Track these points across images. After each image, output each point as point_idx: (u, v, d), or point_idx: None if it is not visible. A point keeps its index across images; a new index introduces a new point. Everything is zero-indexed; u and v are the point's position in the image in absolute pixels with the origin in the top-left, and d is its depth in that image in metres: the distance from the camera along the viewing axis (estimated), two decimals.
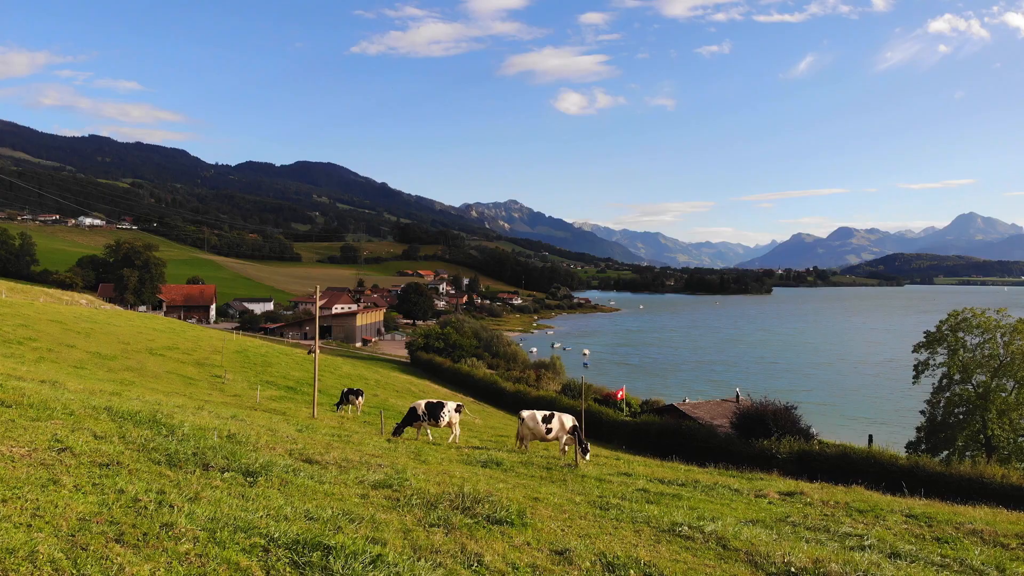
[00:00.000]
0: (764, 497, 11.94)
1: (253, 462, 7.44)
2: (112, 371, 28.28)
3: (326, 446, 10.24)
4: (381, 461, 9.36)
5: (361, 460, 9.20)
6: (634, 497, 10.09)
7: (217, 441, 8.14)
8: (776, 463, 28.53)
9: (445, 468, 10.59)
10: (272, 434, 10.37)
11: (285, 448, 8.94)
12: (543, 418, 17.57)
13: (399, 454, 11.64)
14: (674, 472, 15.37)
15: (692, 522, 8.07)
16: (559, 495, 9.31)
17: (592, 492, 10.21)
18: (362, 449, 11.12)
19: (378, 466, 8.92)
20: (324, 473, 7.91)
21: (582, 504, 8.89)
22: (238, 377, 36.09)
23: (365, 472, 8.31)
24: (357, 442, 12.68)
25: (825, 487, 14.93)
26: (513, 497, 7.90)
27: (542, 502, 8.55)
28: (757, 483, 14.28)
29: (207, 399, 22.92)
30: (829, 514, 10.54)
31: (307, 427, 14.40)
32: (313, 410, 22.56)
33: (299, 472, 7.63)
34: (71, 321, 42.88)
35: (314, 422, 18.47)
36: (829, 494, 12.92)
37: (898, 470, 26.80)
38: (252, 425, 11.25)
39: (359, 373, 55.11)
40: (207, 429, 8.85)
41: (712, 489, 12.25)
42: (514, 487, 9.39)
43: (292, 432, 11.92)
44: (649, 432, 37.90)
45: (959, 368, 51.05)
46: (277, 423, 13.77)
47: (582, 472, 12.65)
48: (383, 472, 8.45)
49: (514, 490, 8.91)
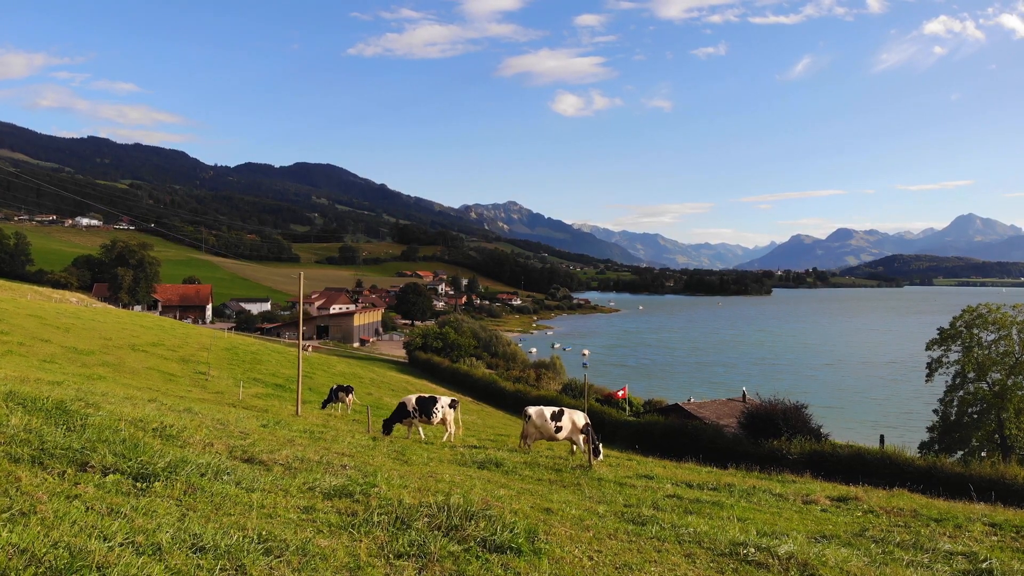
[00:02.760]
0: (815, 504, 10.17)
1: (158, 461, 5.63)
2: (86, 366, 26.48)
3: (285, 443, 8.41)
4: (349, 462, 7.51)
5: (322, 460, 7.41)
6: (668, 506, 8.30)
7: (129, 434, 6.31)
8: (787, 464, 27.51)
9: (432, 470, 8.80)
10: (221, 428, 8.60)
11: (227, 445, 7.14)
12: (552, 415, 15.81)
13: (376, 453, 9.78)
14: (697, 474, 13.62)
15: (756, 541, 6.24)
16: (576, 504, 7.49)
17: (616, 500, 8.44)
18: (332, 447, 9.27)
19: (341, 468, 7.11)
20: (261, 477, 6.09)
21: (608, 517, 7.07)
22: (224, 374, 34.29)
23: (320, 476, 6.45)
24: (330, 440, 10.80)
25: (869, 490, 13.19)
26: (519, 508, 6.15)
27: (556, 515, 6.72)
28: (795, 486, 12.49)
29: (182, 395, 21.14)
30: (903, 524, 8.77)
31: (279, 423, 12.55)
32: (297, 407, 20.76)
33: (225, 475, 5.82)
34: (52, 317, 41.10)
35: (295, 419, 16.68)
36: (883, 499, 11.17)
37: (915, 471, 25.50)
38: (202, 418, 9.48)
39: (354, 372, 53.38)
40: (128, 420, 7.04)
41: (751, 495, 10.46)
42: (518, 494, 7.60)
43: (252, 427, 10.11)
44: (653, 432, 36.77)
45: (974, 366, 49.41)
46: (238, 418, 11.88)
47: (598, 475, 10.78)
48: (345, 476, 6.56)
49: (519, 498, 7.14)
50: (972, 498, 17.59)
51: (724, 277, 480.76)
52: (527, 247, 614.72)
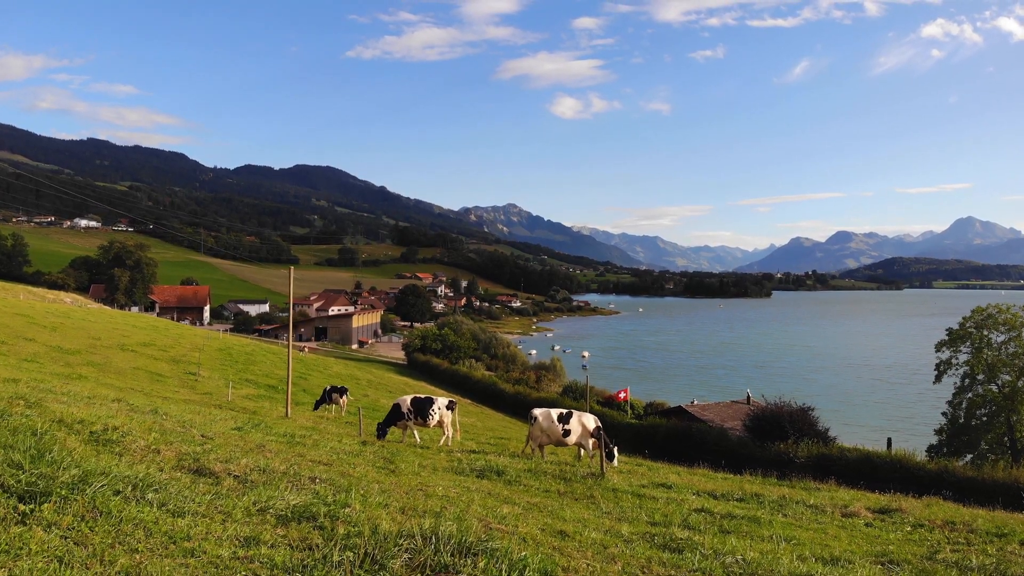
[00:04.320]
0: (856, 516, 9.15)
1: (61, 475, 4.46)
2: (69, 365, 25.46)
3: (253, 449, 7.31)
4: (323, 472, 6.47)
5: (288, 471, 6.25)
6: (700, 524, 7.21)
7: (48, 438, 5.18)
8: (794, 467, 26.74)
9: (423, 481, 7.65)
10: (181, 431, 7.57)
11: (177, 452, 6.10)
12: (559, 417, 14.73)
13: (360, 461, 8.64)
14: (714, 481, 12.59)
15: (815, 571, 5.22)
16: (594, 524, 6.37)
17: (638, 517, 7.34)
18: (308, 454, 8.17)
19: (310, 481, 5.95)
20: (200, 495, 4.95)
21: (636, 542, 5.91)
22: (215, 375, 33.28)
23: (279, 492, 5.25)
24: (310, 445, 9.71)
25: (899, 498, 12.17)
26: (527, 533, 5.08)
27: (573, 540, 5.53)
28: (823, 495, 11.45)
29: (166, 395, 20.12)
30: (965, 542, 7.77)
31: (258, 425, 11.47)
32: (287, 409, 19.73)
33: (150, 492, 4.66)
34: (40, 316, 40.09)
35: (281, 421, 15.66)
36: (922, 509, 10.14)
37: (926, 475, 24.85)
38: (164, 420, 8.46)
39: (350, 373, 52.35)
40: (62, 422, 6.00)
41: (783, 506, 9.42)
42: (525, 511, 6.50)
43: (222, 430, 9.05)
44: (656, 435, 36.04)
45: (984, 367, 48.45)
46: (212, 419, 10.81)
47: (612, 484, 9.70)
48: (311, 492, 5.38)
49: (526, 518, 6.03)
50: (997, 504, 16.70)
51: (724, 279, 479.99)
52: (527, 249, 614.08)
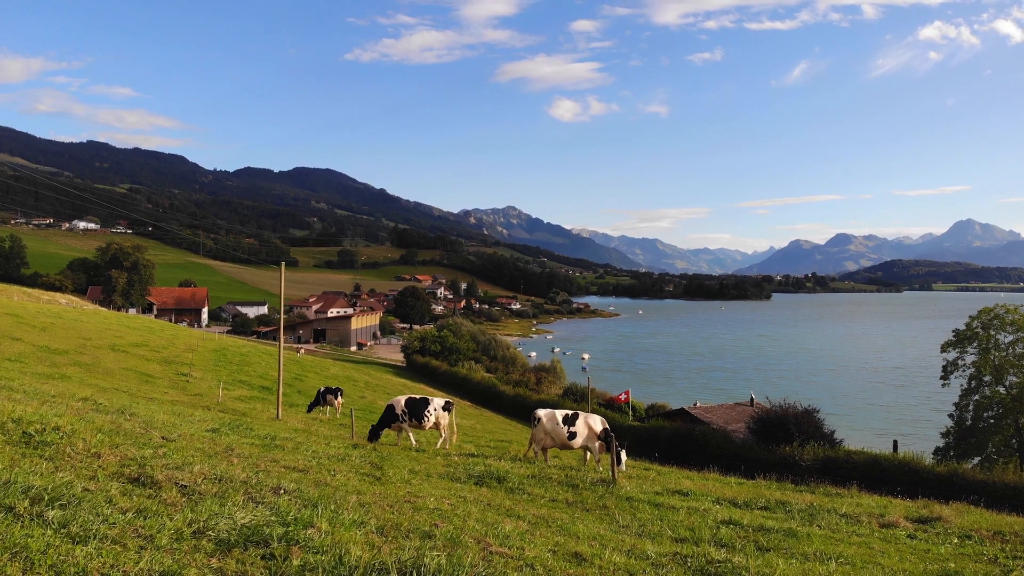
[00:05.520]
0: (895, 527, 8.34)
1: None
2: (55, 365, 24.64)
3: (218, 454, 6.45)
4: (292, 482, 5.58)
5: (249, 480, 5.27)
6: (732, 539, 6.36)
7: None
8: (800, 470, 26.15)
9: (412, 491, 6.74)
10: (140, 433, 6.75)
11: (121, 456, 5.27)
12: (564, 418, 13.86)
13: (343, 467, 7.81)
14: (729, 487, 11.76)
15: None
16: (613, 541, 5.42)
17: (662, 531, 6.42)
18: (284, 460, 7.26)
19: (272, 493, 4.98)
20: (126, 511, 4.05)
21: (668, 566, 4.95)
22: (208, 376, 32.46)
23: (227, 507, 4.29)
24: (290, 449, 8.81)
25: (930, 504, 11.38)
26: (536, 557, 4.16)
27: (592, 566, 4.61)
28: (848, 501, 10.64)
29: (153, 396, 19.32)
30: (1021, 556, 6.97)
31: (238, 427, 10.63)
32: (277, 411, 18.93)
33: (53, 508, 3.80)
34: (30, 316, 39.26)
35: (270, 423, 14.86)
36: (961, 517, 9.33)
37: (935, 479, 24.24)
38: (123, 421, 7.63)
39: (348, 375, 51.50)
40: None
41: (814, 516, 8.58)
42: (531, 527, 5.56)
43: (192, 432, 8.22)
44: (659, 437, 35.39)
45: (991, 368, 47.64)
46: (183, 420, 9.94)
47: (625, 492, 8.82)
48: (269, 507, 4.37)
49: (533, 535, 5.11)
50: (1005, 507, 16.02)
51: (724, 282, 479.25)
52: (526, 252, 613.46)
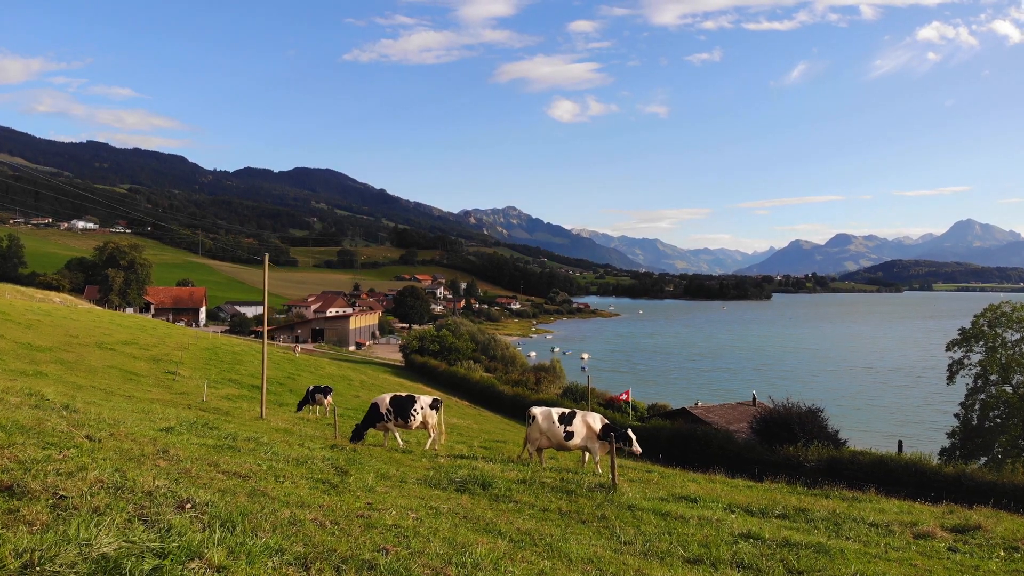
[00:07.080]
0: (932, 538, 7.54)
1: None
2: (34, 363, 23.88)
3: (145, 456, 5.52)
4: (215, 492, 4.65)
5: (153, 491, 4.30)
6: (755, 559, 5.50)
7: None
8: (803, 471, 25.55)
9: (372, 500, 5.69)
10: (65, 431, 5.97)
11: (8, 459, 4.48)
12: (560, 417, 13.06)
13: (299, 472, 6.90)
14: (738, 490, 10.95)
15: None
16: (612, 565, 4.55)
17: (671, 549, 5.57)
18: (229, 464, 6.28)
19: (175, 509, 3.98)
20: None
21: None
22: (197, 374, 31.68)
23: (95, 529, 3.39)
24: (249, 450, 7.91)
25: (957, 509, 10.59)
26: None
27: None
28: (868, 506, 9.83)
29: (133, 395, 18.54)
30: None
31: (204, 425, 9.79)
32: (261, 409, 18.15)
33: None
34: (18, 314, 38.50)
35: (251, 423, 14.07)
36: (998, 524, 8.53)
37: (942, 480, 23.41)
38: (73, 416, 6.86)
39: (344, 374, 50.71)
40: None
41: (839, 525, 7.76)
42: (513, 547, 4.70)
43: (136, 432, 7.41)
44: (660, 437, 34.81)
45: (998, 367, 46.88)
46: (128, 418, 9.09)
47: (628, 499, 7.89)
48: (153, 531, 3.44)
49: (512, 559, 4.27)
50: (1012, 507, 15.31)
51: (724, 282, 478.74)
52: (526, 252, 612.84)
